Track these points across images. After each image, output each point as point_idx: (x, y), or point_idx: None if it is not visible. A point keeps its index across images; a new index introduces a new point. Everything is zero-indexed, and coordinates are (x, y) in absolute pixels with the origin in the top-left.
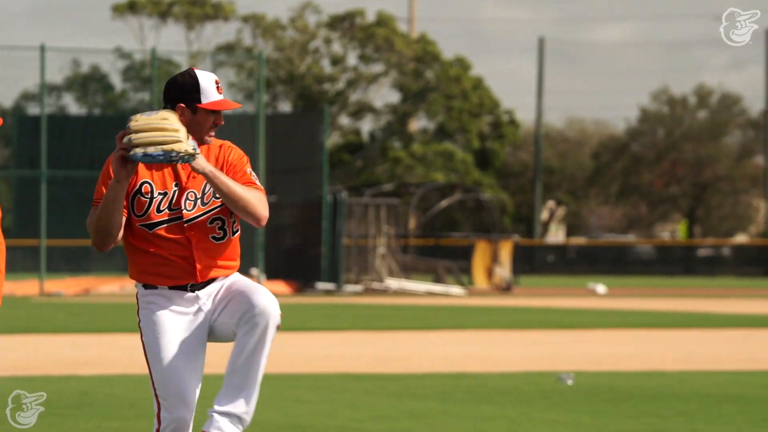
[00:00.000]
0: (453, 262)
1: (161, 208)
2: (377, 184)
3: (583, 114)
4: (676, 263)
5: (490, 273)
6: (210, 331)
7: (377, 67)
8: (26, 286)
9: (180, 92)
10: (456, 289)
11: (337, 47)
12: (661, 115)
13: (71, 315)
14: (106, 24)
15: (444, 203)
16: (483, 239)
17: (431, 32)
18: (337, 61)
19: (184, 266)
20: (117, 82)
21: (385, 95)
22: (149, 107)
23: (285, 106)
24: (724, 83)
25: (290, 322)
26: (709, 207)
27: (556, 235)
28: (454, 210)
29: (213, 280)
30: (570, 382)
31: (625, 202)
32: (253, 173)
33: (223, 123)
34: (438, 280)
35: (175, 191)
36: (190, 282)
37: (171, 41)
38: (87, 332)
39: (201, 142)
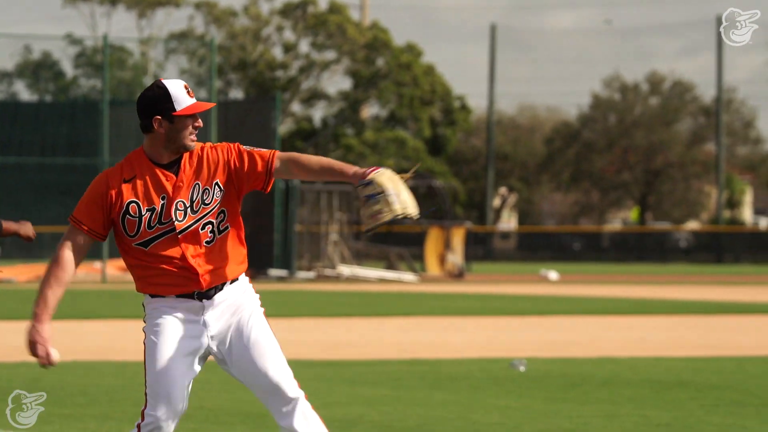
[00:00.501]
0: (405, 248)
1: (152, 224)
2: None
3: (535, 101)
4: (628, 250)
5: (442, 259)
6: (222, 362)
7: (329, 55)
8: None
9: (153, 105)
10: (408, 276)
11: (289, 34)
12: (613, 101)
13: (23, 301)
14: (57, 10)
15: None
16: (435, 226)
17: (383, 19)
18: (289, 48)
19: (186, 275)
20: (68, 68)
21: (337, 82)
22: (101, 93)
23: (237, 93)
24: (675, 70)
25: None
26: (661, 194)
27: (508, 221)
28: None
29: (221, 286)
30: (522, 368)
31: (577, 189)
32: (252, 148)
33: (201, 125)
34: (390, 266)
35: (162, 204)
36: (195, 290)
37: (122, 28)
38: None
39: (184, 148)
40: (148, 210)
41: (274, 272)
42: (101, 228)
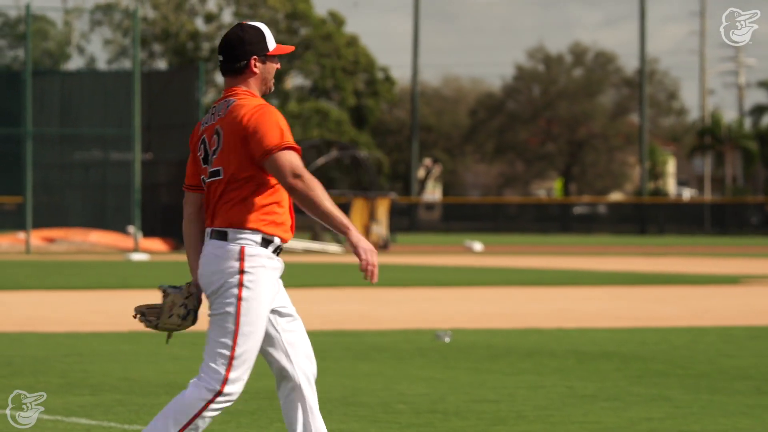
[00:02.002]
0: None
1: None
2: None
3: (459, 72)
4: (552, 221)
5: (367, 231)
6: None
7: None
8: None
9: (251, 45)
10: (333, 247)
11: (211, 5)
12: (537, 73)
13: None
14: None
15: (321, 161)
16: (360, 197)
17: None
18: (211, 18)
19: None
20: None
21: None
22: (23, 64)
23: (161, 64)
24: (598, 41)
25: (166, 280)
26: (585, 165)
27: (433, 193)
28: (331, 168)
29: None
30: (447, 339)
31: (501, 160)
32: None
33: (279, 67)
34: (315, 237)
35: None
36: (288, 239)
37: None
38: None
39: (270, 90)
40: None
41: None
42: None
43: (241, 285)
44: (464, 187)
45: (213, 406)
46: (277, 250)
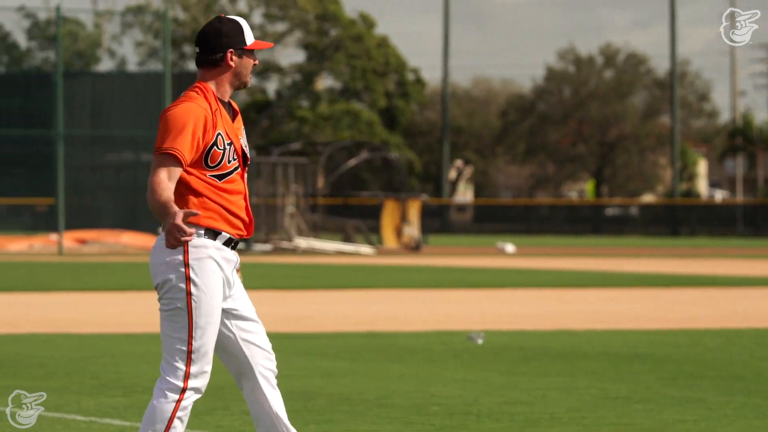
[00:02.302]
0: (362, 221)
1: (231, 159)
2: (285, 143)
3: (490, 73)
4: (584, 222)
5: (398, 232)
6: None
7: (282, 26)
8: None
9: (227, 38)
10: (365, 249)
11: (242, 5)
12: (568, 74)
13: None
14: None
15: (352, 162)
16: (391, 198)
17: None
18: None
19: (243, 217)
20: (21, 40)
21: (290, 54)
22: (54, 65)
23: (192, 65)
24: (629, 43)
25: None
26: (616, 166)
27: (464, 194)
28: (362, 169)
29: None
30: (480, 341)
31: (533, 161)
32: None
33: (258, 64)
34: (347, 239)
35: (231, 141)
36: (243, 235)
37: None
38: None
39: (245, 85)
40: (228, 144)
41: None
42: (190, 156)
43: (188, 279)
44: (496, 188)
45: (183, 403)
46: (229, 243)
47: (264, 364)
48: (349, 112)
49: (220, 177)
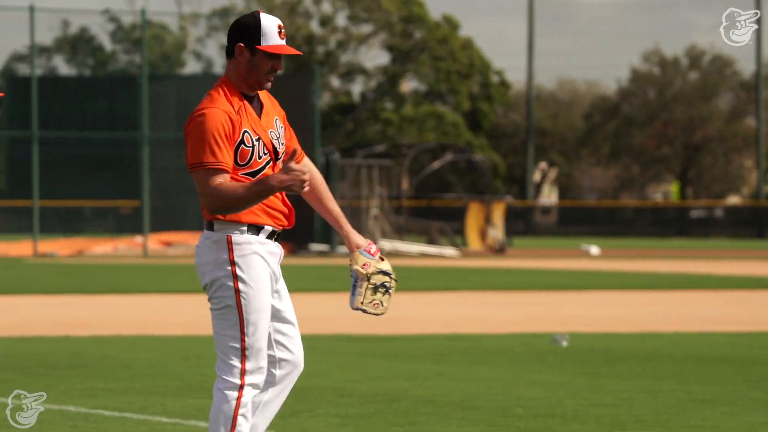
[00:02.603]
0: (446, 223)
1: (261, 155)
2: (369, 145)
3: (574, 74)
4: (669, 224)
5: (483, 234)
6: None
7: (366, 28)
8: (20, 247)
9: (241, 32)
10: (450, 251)
11: (326, 7)
12: (653, 76)
13: (65, 276)
14: None
15: (436, 164)
16: (476, 200)
17: None
18: (326, 21)
19: (282, 210)
20: (106, 43)
21: (375, 56)
22: (139, 68)
23: None
24: (715, 44)
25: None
26: (701, 168)
27: (549, 196)
28: (447, 171)
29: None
30: (565, 343)
31: (617, 163)
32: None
33: (281, 70)
34: (431, 241)
35: (259, 136)
36: (284, 227)
37: (160, 2)
38: (80, 293)
39: (258, 86)
40: (256, 140)
41: (315, 247)
42: (231, 163)
43: (235, 277)
44: (580, 190)
45: (243, 400)
46: (272, 236)
47: (286, 369)
48: (434, 114)
49: (253, 174)
